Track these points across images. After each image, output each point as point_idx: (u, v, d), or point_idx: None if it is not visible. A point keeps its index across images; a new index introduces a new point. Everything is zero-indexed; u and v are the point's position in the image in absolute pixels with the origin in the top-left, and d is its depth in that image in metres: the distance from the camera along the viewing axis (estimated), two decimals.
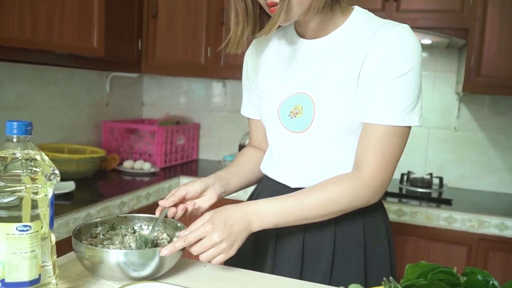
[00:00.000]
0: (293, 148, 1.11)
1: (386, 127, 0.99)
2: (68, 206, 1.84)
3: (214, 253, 0.92)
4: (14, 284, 0.74)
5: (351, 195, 1.00)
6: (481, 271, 0.69)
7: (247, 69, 1.23)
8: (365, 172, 1.01)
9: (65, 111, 2.50)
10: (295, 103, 1.08)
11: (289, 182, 1.13)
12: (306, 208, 0.98)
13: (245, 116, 1.28)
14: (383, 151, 1.00)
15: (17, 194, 0.73)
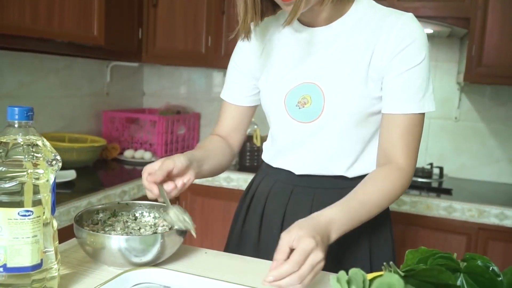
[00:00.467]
0: (299, 138, 1.11)
1: (410, 116, 1.01)
2: (69, 194, 1.85)
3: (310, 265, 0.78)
4: (16, 269, 0.75)
5: (400, 187, 1.00)
6: (481, 257, 0.69)
7: (243, 55, 1.19)
8: (402, 162, 1.02)
9: (65, 100, 2.50)
10: (303, 93, 1.07)
11: (294, 169, 1.14)
12: (368, 208, 0.96)
13: (227, 100, 1.22)
14: (412, 139, 1.02)
15: (18, 179, 0.73)
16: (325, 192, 1.11)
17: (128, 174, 2.34)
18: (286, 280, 0.76)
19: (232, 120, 1.23)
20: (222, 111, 1.25)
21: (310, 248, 0.77)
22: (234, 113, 1.22)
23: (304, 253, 0.77)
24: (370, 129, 1.08)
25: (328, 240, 0.85)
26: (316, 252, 0.78)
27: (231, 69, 1.22)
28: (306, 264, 0.77)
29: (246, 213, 1.22)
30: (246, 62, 1.18)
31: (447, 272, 0.62)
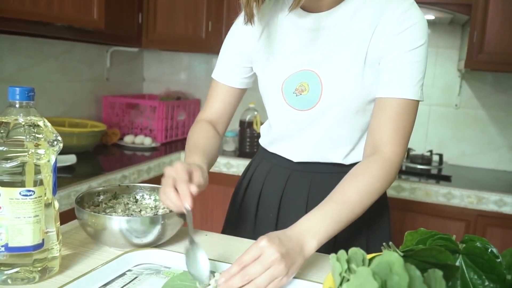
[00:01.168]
0: (296, 125, 1.10)
1: (402, 100, 0.98)
2: (69, 178, 1.85)
3: (269, 277, 0.75)
4: (17, 249, 0.75)
5: (384, 179, 0.96)
6: (480, 239, 0.70)
7: (241, 36, 1.15)
8: (388, 151, 0.98)
9: (65, 85, 2.49)
10: (301, 80, 1.06)
11: (291, 157, 1.13)
12: (349, 208, 0.90)
13: (219, 81, 1.19)
14: (402, 126, 0.99)
15: (20, 159, 0.73)
16: (322, 177, 1.12)
17: (129, 159, 2.34)
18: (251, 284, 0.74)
19: (223, 102, 1.20)
20: (213, 92, 1.21)
21: (271, 260, 0.75)
22: (225, 95, 1.19)
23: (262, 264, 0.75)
24: (367, 117, 1.07)
25: (301, 250, 0.81)
26: (277, 266, 0.75)
27: (226, 50, 1.19)
28: (264, 275, 0.75)
29: (244, 196, 1.23)
30: (244, 44, 1.15)
31: (446, 252, 0.63)
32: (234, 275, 0.75)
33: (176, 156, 2.53)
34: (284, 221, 1.14)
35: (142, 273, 0.83)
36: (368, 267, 0.51)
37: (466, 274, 0.69)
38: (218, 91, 1.20)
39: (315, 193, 1.11)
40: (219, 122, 1.21)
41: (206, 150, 1.07)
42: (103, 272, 0.80)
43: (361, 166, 0.98)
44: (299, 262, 0.80)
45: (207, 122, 1.18)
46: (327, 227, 0.86)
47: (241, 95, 1.22)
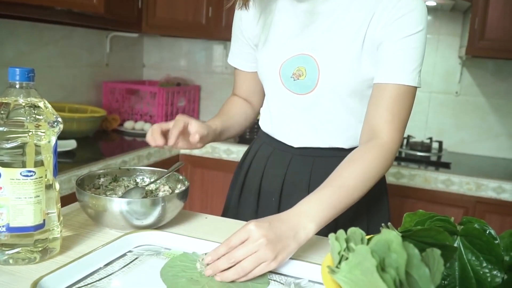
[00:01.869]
0: (294, 109, 1.10)
1: (400, 86, 0.97)
2: (70, 163, 1.85)
3: (255, 260, 0.74)
4: (18, 229, 0.76)
5: (381, 164, 0.95)
6: (478, 220, 0.70)
7: (241, 23, 1.17)
8: (385, 137, 0.98)
9: (65, 70, 2.48)
10: (298, 64, 1.06)
11: (291, 143, 1.14)
12: (346, 192, 0.89)
13: (234, 66, 1.25)
14: (399, 112, 0.98)
15: (20, 140, 0.73)
16: (324, 160, 1.12)
17: (129, 145, 2.34)
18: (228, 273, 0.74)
19: (245, 84, 1.25)
20: (235, 76, 1.28)
21: (257, 244, 0.75)
22: (244, 78, 1.24)
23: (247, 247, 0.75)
24: (365, 103, 1.07)
25: (295, 234, 0.80)
26: (263, 250, 0.75)
27: (233, 36, 1.22)
28: (250, 258, 0.74)
29: (244, 180, 1.23)
30: (245, 30, 1.17)
31: (445, 232, 0.63)
32: (221, 256, 0.75)
33: None
34: (286, 205, 1.14)
35: (142, 254, 0.84)
36: (367, 246, 0.51)
37: (464, 255, 0.69)
38: (238, 75, 1.26)
39: (317, 177, 1.11)
40: (249, 98, 1.27)
41: (223, 114, 1.19)
42: (104, 253, 0.80)
43: (358, 152, 0.97)
44: (291, 247, 0.79)
45: (239, 97, 1.27)
46: (324, 211, 0.85)
47: None
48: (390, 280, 0.48)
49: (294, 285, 0.77)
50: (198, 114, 3.13)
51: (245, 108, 1.25)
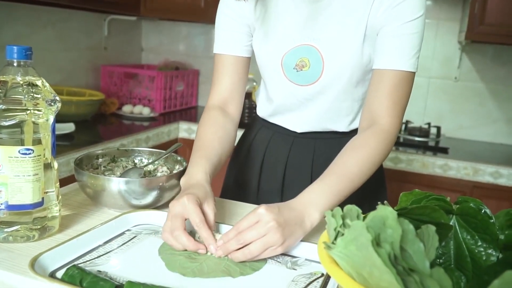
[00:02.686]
0: (298, 100, 1.10)
1: (399, 72, 0.98)
2: (68, 146, 1.86)
3: (263, 244, 0.75)
4: (17, 207, 0.76)
5: (382, 151, 0.96)
6: (474, 200, 0.71)
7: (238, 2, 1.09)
8: (386, 123, 0.98)
9: (63, 53, 2.47)
10: (301, 55, 1.05)
11: (294, 128, 1.14)
12: (349, 179, 0.90)
13: (223, 52, 1.11)
14: (398, 98, 0.99)
15: (18, 118, 0.73)
16: (326, 142, 1.13)
17: (127, 128, 2.34)
18: (236, 254, 0.75)
19: (231, 76, 1.11)
20: (218, 68, 1.12)
21: (267, 227, 0.75)
22: (232, 67, 1.11)
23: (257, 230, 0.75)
24: (366, 87, 1.08)
25: (301, 222, 0.81)
26: (273, 234, 0.75)
27: (223, 19, 1.11)
28: (259, 241, 0.75)
29: (244, 163, 1.23)
30: (241, 8, 1.09)
31: (440, 210, 0.64)
32: (231, 239, 0.76)
33: (175, 126, 2.53)
34: (289, 189, 1.15)
35: (141, 232, 0.84)
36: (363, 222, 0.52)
37: (459, 234, 0.70)
38: (224, 65, 1.12)
39: (320, 158, 1.12)
40: (231, 101, 1.12)
41: (212, 150, 0.98)
42: (103, 231, 0.81)
43: (360, 139, 0.98)
44: (298, 234, 0.80)
45: (217, 109, 1.10)
46: (328, 199, 0.86)
47: (247, 65, 1.14)
48: (385, 255, 0.48)
49: (291, 263, 0.78)
50: (197, 98, 3.13)
51: (226, 128, 1.07)
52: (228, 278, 0.71)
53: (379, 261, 0.48)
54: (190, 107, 3.04)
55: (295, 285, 0.70)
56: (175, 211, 0.78)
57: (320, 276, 0.74)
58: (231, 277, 0.72)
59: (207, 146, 0.99)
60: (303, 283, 0.71)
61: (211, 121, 1.07)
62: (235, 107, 1.13)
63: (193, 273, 0.71)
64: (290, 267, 0.76)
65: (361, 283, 0.52)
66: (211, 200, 0.84)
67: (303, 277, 0.73)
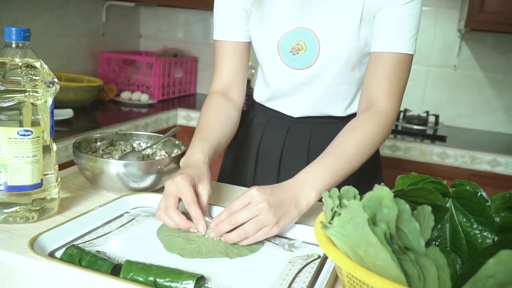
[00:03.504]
0: (294, 84, 1.10)
1: (399, 54, 0.97)
2: (66, 132, 1.86)
3: (256, 224, 0.75)
4: (16, 188, 0.76)
5: (380, 132, 0.96)
6: (470, 183, 0.71)
7: None
8: (384, 105, 0.98)
9: (61, 39, 2.46)
10: (297, 38, 1.04)
11: (290, 113, 1.14)
12: (346, 160, 0.90)
13: (223, 39, 1.11)
14: (397, 80, 0.98)
15: (17, 99, 0.74)
16: (322, 126, 1.13)
17: (125, 115, 2.34)
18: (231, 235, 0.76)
19: (232, 62, 1.12)
20: (219, 54, 1.13)
21: (259, 208, 0.75)
22: (233, 53, 1.11)
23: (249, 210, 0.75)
24: (363, 71, 1.08)
25: (296, 202, 0.80)
26: (265, 214, 0.75)
27: (221, 5, 1.11)
28: (252, 221, 0.75)
29: (241, 146, 1.24)
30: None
31: (436, 192, 0.64)
32: (223, 220, 0.76)
33: (173, 113, 2.53)
34: (286, 170, 1.15)
35: (139, 215, 0.85)
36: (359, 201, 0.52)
37: (455, 217, 0.71)
38: (224, 51, 1.12)
39: (316, 142, 1.13)
40: (234, 87, 1.13)
41: (211, 133, 0.99)
42: (101, 213, 0.81)
43: (357, 121, 0.98)
44: (293, 214, 0.79)
45: (220, 95, 1.10)
46: (325, 179, 0.85)
47: (248, 50, 1.14)
48: (381, 233, 0.49)
49: (288, 245, 0.78)
50: (195, 85, 3.12)
51: (228, 112, 1.08)
52: (226, 259, 0.72)
53: (375, 240, 0.49)
54: (189, 94, 3.04)
55: (292, 266, 0.71)
56: (169, 190, 0.79)
57: (316, 258, 0.75)
58: (228, 258, 0.72)
59: (208, 129, 1.00)
60: (300, 264, 0.72)
61: (213, 106, 1.07)
62: (237, 93, 1.13)
63: (191, 254, 0.72)
64: (287, 249, 0.77)
65: (357, 262, 0.52)
66: (207, 181, 0.84)
67: (300, 258, 0.74)
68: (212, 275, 0.66)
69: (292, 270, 0.70)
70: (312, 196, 0.83)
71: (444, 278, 0.48)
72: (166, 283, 0.61)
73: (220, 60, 1.13)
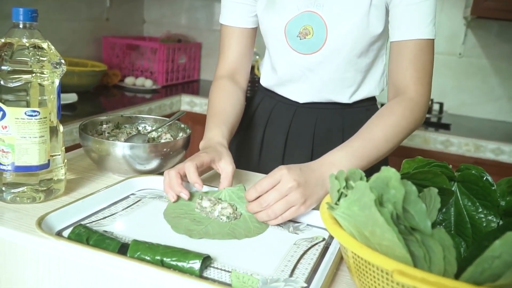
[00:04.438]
0: (300, 69, 1.09)
1: (419, 41, 0.96)
2: (71, 116, 1.86)
3: (285, 204, 0.76)
4: (24, 168, 0.77)
5: (409, 117, 0.95)
6: (476, 167, 0.71)
7: None
8: (412, 92, 0.97)
9: (65, 24, 2.45)
10: (304, 23, 1.04)
11: (296, 99, 1.14)
12: (375, 144, 0.90)
13: (229, 24, 1.12)
14: (422, 66, 0.97)
15: (24, 79, 0.74)
16: (328, 113, 1.13)
17: (129, 100, 2.34)
18: (261, 214, 0.77)
19: (238, 47, 1.13)
20: (225, 39, 1.14)
21: (288, 187, 0.76)
22: (238, 38, 1.13)
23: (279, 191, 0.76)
24: (369, 58, 1.07)
25: (323, 183, 0.81)
26: (294, 193, 0.76)
27: None
28: (281, 202, 0.76)
29: (246, 131, 1.24)
30: None
31: (443, 175, 0.64)
32: (253, 200, 0.78)
33: (177, 99, 2.52)
34: (290, 157, 1.16)
35: (145, 196, 0.85)
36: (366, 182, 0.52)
37: (460, 201, 0.71)
38: (230, 36, 1.13)
39: (321, 130, 1.13)
40: (239, 71, 1.15)
41: (226, 116, 1.01)
42: (108, 194, 0.82)
43: (386, 108, 0.97)
44: (319, 194, 0.80)
45: (226, 78, 1.12)
46: (351, 162, 0.86)
47: (254, 36, 1.16)
48: (387, 214, 0.49)
49: (293, 228, 0.79)
50: (199, 71, 3.12)
51: (238, 96, 1.10)
52: (232, 240, 0.72)
53: (382, 220, 0.49)
54: (192, 80, 3.03)
55: (297, 248, 0.72)
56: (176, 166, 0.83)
57: (321, 240, 0.75)
58: (236, 239, 0.73)
59: (223, 113, 1.02)
60: (304, 246, 0.73)
61: (222, 89, 1.09)
62: (242, 76, 1.16)
63: (199, 235, 0.72)
64: (292, 232, 0.77)
65: (363, 243, 0.53)
66: (228, 157, 0.86)
67: (305, 241, 0.74)
68: (218, 255, 0.67)
69: (297, 252, 0.70)
70: None
71: (450, 259, 0.48)
72: (173, 262, 0.62)
73: (226, 44, 1.14)
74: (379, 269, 0.51)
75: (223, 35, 1.15)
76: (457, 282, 0.45)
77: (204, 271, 0.63)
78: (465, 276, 0.47)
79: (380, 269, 0.51)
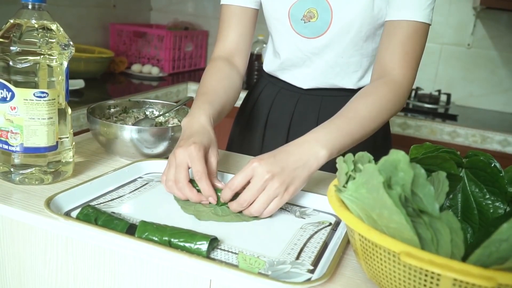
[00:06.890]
0: (304, 54, 1.09)
1: (415, 23, 0.95)
2: (78, 102, 1.86)
3: (265, 199, 0.73)
4: (32, 149, 0.77)
5: (393, 100, 0.92)
6: (484, 154, 0.71)
7: None
8: (397, 74, 0.95)
9: (71, 10, 2.45)
10: (309, 6, 1.03)
11: (300, 84, 1.13)
12: (359, 122, 0.86)
13: (229, 3, 1.09)
14: (412, 49, 0.95)
15: (33, 60, 0.74)
16: (332, 99, 1.12)
17: (136, 87, 2.34)
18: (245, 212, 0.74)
19: (237, 28, 1.08)
20: (225, 19, 1.10)
21: (263, 181, 0.72)
22: (239, 19, 1.08)
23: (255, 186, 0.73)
24: (376, 43, 1.06)
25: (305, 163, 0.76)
26: (271, 185, 0.72)
27: None
28: (260, 197, 0.73)
29: (249, 118, 1.24)
30: None
31: (451, 161, 0.64)
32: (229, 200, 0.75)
33: (183, 87, 2.52)
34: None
35: (152, 180, 0.86)
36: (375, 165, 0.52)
37: (467, 187, 0.71)
38: (231, 16, 1.09)
39: (325, 116, 1.11)
40: (238, 53, 1.10)
41: (216, 97, 0.95)
42: (116, 177, 0.82)
43: (370, 87, 0.95)
44: (302, 177, 0.75)
45: (223, 60, 1.08)
46: (337, 137, 0.81)
47: (255, 18, 1.12)
48: (396, 196, 0.49)
49: (300, 213, 0.79)
50: (206, 60, 3.11)
51: (233, 78, 1.05)
52: (241, 223, 0.73)
53: (390, 202, 0.49)
54: (199, 69, 3.03)
55: (303, 232, 0.72)
56: (180, 159, 0.76)
57: (328, 225, 0.75)
58: (245, 221, 0.73)
59: (212, 93, 0.96)
60: (311, 230, 0.73)
61: (218, 71, 1.04)
62: (241, 60, 1.11)
63: (208, 216, 0.73)
64: (299, 216, 0.78)
65: (370, 225, 0.53)
66: (215, 147, 0.82)
67: (311, 225, 0.75)
68: (225, 237, 0.67)
69: (303, 236, 0.71)
70: (323, 153, 0.77)
71: (457, 241, 0.48)
72: (181, 243, 0.62)
73: (225, 25, 1.10)
74: (386, 251, 0.51)
75: (223, 16, 1.11)
76: (464, 264, 0.45)
77: (211, 252, 0.63)
78: (472, 258, 0.47)
79: (387, 251, 0.51)
